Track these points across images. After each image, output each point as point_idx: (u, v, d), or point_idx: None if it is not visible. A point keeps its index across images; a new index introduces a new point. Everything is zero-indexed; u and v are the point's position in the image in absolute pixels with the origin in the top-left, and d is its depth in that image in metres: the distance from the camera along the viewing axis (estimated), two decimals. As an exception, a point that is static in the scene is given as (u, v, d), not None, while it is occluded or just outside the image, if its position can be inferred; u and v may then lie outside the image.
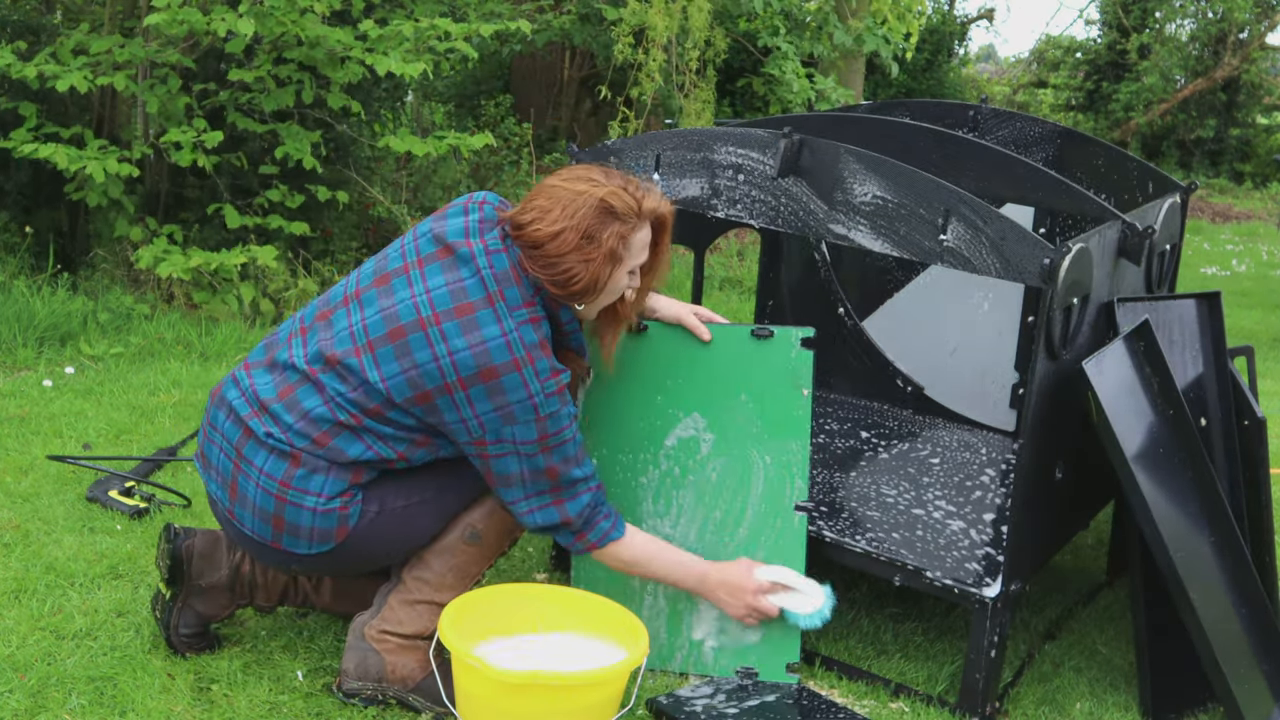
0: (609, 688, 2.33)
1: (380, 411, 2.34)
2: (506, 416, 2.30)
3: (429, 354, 2.29)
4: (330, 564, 2.44)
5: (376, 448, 2.36)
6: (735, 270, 7.57)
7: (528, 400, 2.29)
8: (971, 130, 3.74)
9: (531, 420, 2.30)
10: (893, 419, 3.53)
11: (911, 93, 13.55)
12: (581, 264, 2.33)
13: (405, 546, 2.47)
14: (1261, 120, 16.51)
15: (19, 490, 3.37)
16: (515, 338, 2.29)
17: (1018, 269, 2.45)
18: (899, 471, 3.15)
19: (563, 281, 2.34)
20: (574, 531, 2.44)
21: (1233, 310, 7.85)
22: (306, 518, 2.35)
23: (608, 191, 2.34)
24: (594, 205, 2.33)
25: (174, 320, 5.03)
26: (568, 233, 2.31)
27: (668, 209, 2.46)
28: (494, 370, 2.27)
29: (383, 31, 5.21)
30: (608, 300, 2.47)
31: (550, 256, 2.33)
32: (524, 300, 2.33)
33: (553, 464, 2.35)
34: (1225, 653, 2.60)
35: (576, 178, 2.38)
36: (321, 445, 2.34)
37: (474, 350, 2.27)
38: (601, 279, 2.36)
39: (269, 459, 2.36)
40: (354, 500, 2.37)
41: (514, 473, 2.36)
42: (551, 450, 2.34)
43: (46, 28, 5.80)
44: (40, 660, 2.53)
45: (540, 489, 2.38)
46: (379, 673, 2.47)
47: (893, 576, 2.71)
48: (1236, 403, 2.87)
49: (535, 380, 2.29)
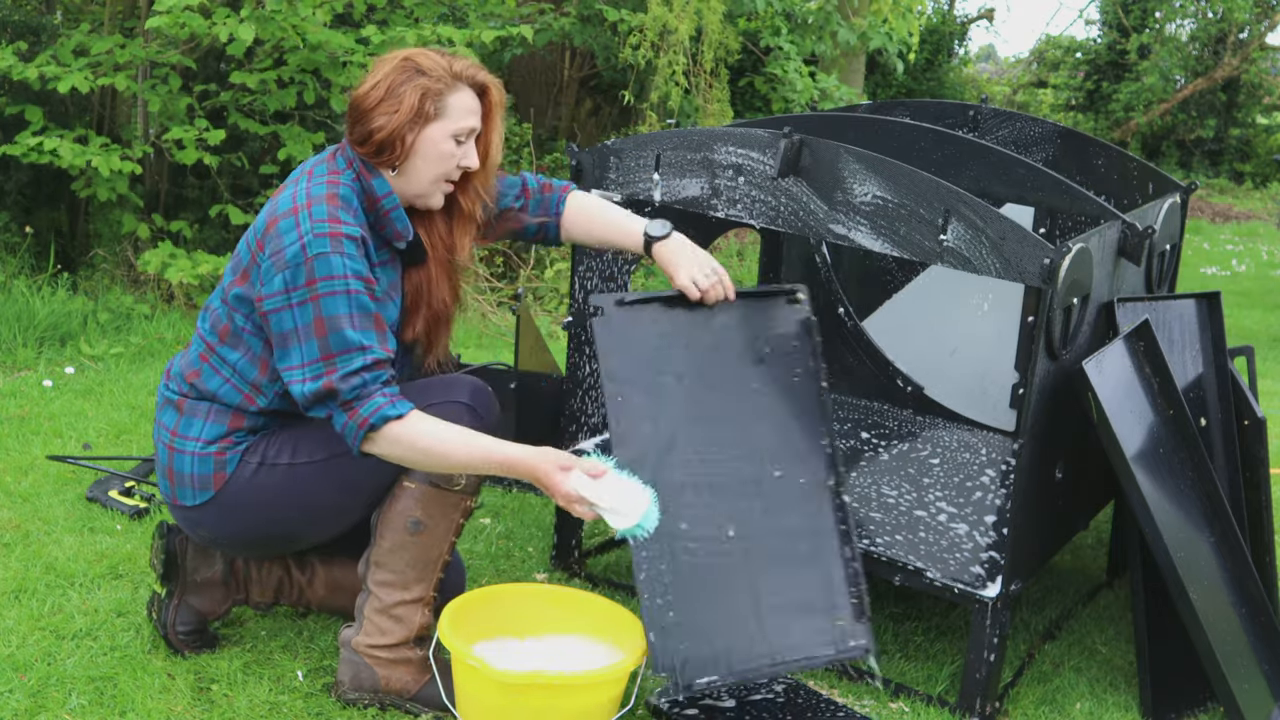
0: (609, 688, 2.33)
1: (228, 329, 2.39)
2: (278, 261, 2.27)
3: (243, 239, 2.41)
4: (224, 523, 2.43)
5: (233, 380, 2.40)
6: (735, 270, 7.57)
7: (298, 241, 2.26)
8: (971, 130, 3.74)
9: (300, 263, 2.25)
10: (893, 419, 3.53)
11: (911, 93, 13.55)
12: (384, 116, 2.34)
13: (305, 515, 2.44)
14: (1261, 120, 16.51)
15: (19, 490, 3.37)
16: (301, 192, 2.32)
17: (1018, 269, 2.45)
18: (899, 472, 3.15)
19: (367, 136, 2.35)
20: (343, 405, 2.24)
21: (1233, 310, 7.85)
22: (187, 463, 2.41)
23: (416, 51, 2.39)
24: (398, 62, 2.37)
25: (174, 320, 5.03)
26: (375, 88, 2.35)
27: (489, 78, 2.44)
28: (275, 220, 2.31)
29: (385, 36, 5.21)
30: (430, 169, 2.38)
31: (362, 114, 2.36)
32: (329, 171, 2.37)
33: (321, 315, 2.24)
34: (1225, 653, 2.60)
35: (401, 49, 2.46)
36: (190, 383, 2.44)
37: (267, 213, 2.35)
38: (405, 134, 2.34)
39: (167, 412, 2.48)
40: (234, 447, 2.41)
41: (289, 329, 2.26)
42: (320, 299, 2.24)
43: (47, 28, 5.80)
44: (40, 660, 2.53)
45: (311, 353, 2.24)
46: (373, 684, 2.47)
47: (893, 576, 2.71)
48: (1236, 403, 2.87)
49: (308, 221, 2.27)
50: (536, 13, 7.25)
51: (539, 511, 3.48)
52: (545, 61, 9.34)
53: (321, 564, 2.68)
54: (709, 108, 7.49)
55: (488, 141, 2.46)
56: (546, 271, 6.48)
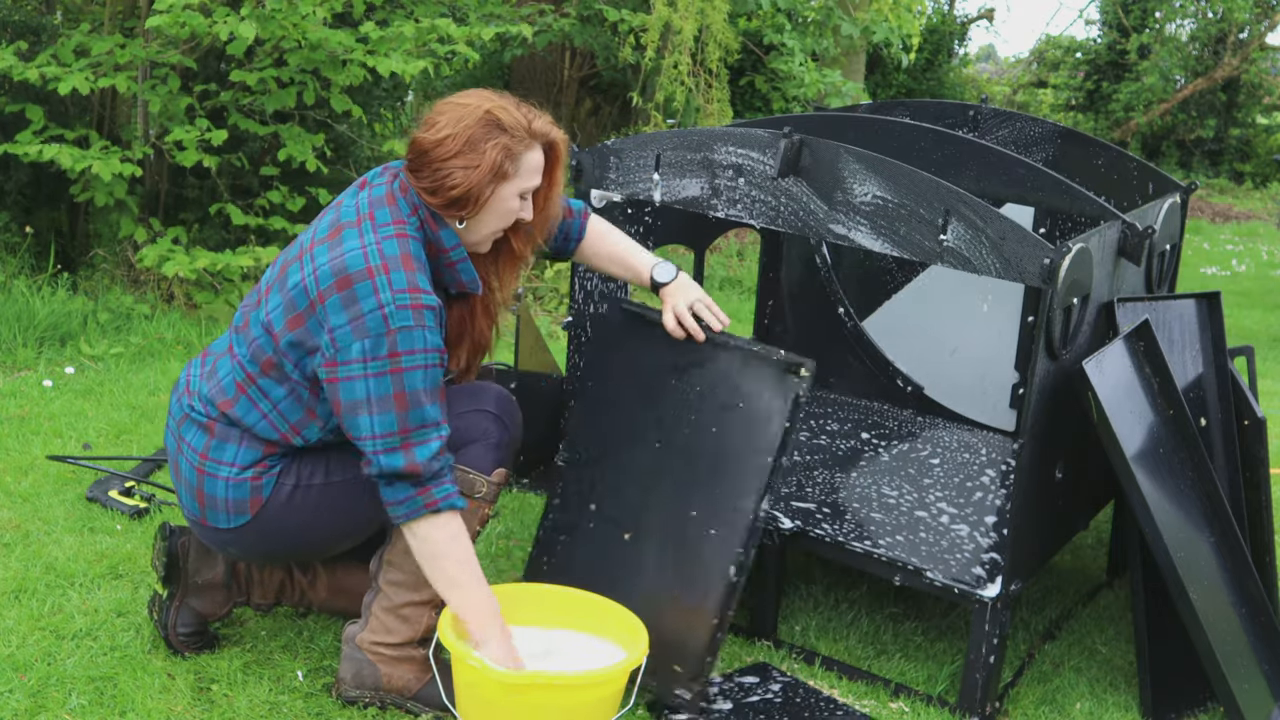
0: (609, 688, 2.33)
1: (272, 363, 2.33)
2: (358, 329, 2.21)
3: (299, 277, 2.30)
4: (257, 543, 2.43)
5: (271, 417, 2.36)
6: (735, 270, 7.57)
7: (378, 310, 2.20)
8: (971, 130, 3.74)
9: (382, 334, 2.20)
10: (893, 419, 3.53)
11: (911, 93, 13.54)
12: (462, 170, 2.28)
13: (337, 529, 2.45)
14: (1261, 120, 16.50)
15: (19, 490, 3.37)
16: (374, 249, 2.24)
17: (1018, 269, 2.45)
18: (899, 472, 3.15)
19: (440, 187, 2.29)
20: (418, 484, 2.26)
21: (1233, 310, 7.85)
22: (221, 488, 2.37)
23: (496, 105, 2.32)
24: (480, 115, 2.30)
25: (174, 320, 5.03)
26: (452, 139, 2.28)
27: (559, 135, 2.41)
28: (348, 279, 2.22)
29: (384, 33, 5.21)
30: (494, 223, 2.37)
31: (434, 162, 2.29)
32: (394, 219, 2.30)
33: (401, 390, 2.22)
34: (1225, 653, 2.60)
35: (469, 94, 2.37)
36: (223, 411, 2.38)
37: (333, 264, 2.25)
38: (483, 191, 2.29)
39: (195, 432, 2.41)
40: (269, 471, 2.38)
41: (360, 398, 2.22)
42: (401, 374, 2.22)
43: (47, 28, 5.80)
44: (40, 660, 2.54)
45: (388, 425, 2.23)
46: (375, 682, 2.47)
47: (893, 576, 2.71)
48: (1236, 403, 2.87)
49: (388, 289, 2.21)
50: (536, 13, 7.25)
51: (539, 512, 3.48)
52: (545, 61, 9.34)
53: (324, 567, 2.69)
54: (709, 108, 7.49)
55: (549, 195, 2.45)
56: (546, 271, 6.49)
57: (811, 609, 3.06)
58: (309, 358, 2.30)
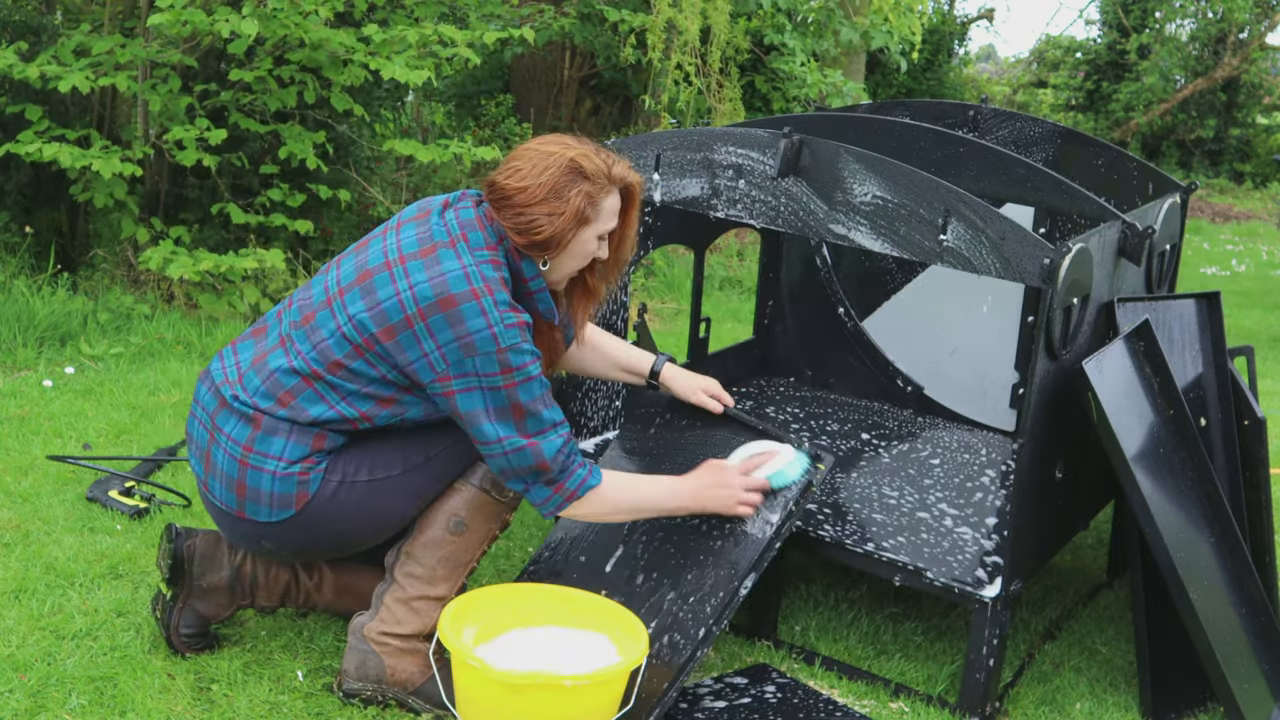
0: (609, 688, 2.33)
1: (342, 364, 2.36)
2: (467, 347, 2.30)
3: (391, 289, 2.34)
4: (296, 538, 2.44)
5: (339, 407, 2.38)
6: (735, 270, 7.57)
7: (487, 330, 2.29)
8: (971, 130, 3.74)
9: (492, 352, 2.30)
10: (893, 419, 3.53)
11: (911, 93, 13.55)
12: (547, 217, 2.37)
13: (374, 526, 2.46)
14: (1261, 120, 16.51)
15: (19, 490, 3.37)
16: (474, 271, 2.32)
17: (1018, 269, 2.45)
18: (899, 472, 3.15)
19: (526, 229, 2.38)
20: (551, 480, 2.39)
21: (1233, 310, 7.86)
22: (266, 482, 2.37)
23: (578, 153, 2.41)
24: (564, 164, 2.39)
25: (174, 320, 5.03)
26: (537, 188, 2.37)
27: (636, 179, 2.50)
28: (452, 299, 2.30)
29: (385, 35, 5.21)
30: (574, 264, 2.48)
31: (518, 207, 2.38)
32: (486, 244, 2.38)
33: (519, 400, 2.32)
34: (1225, 653, 2.60)
35: (550, 140, 2.46)
36: (284, 405, 2.38)
37: (433, 282, 2.32)
38: (566, 235, 2.39)
39: (236, 424, 2.41)
40: (316, 467, 2.39)
41: (479, 409, 2.33)
42: (517, 386, 2.32)
43: (47, 28, 5.80)
44: (40, 660, 2.54)
45: (508, 430, 2.34)
46: (379, 674, 2.47)
47: (893, 576, 2.71)
48: (1236, 403, 2.87)
49: (494, 310, 2.30)
50: (536, 12, 7.25)
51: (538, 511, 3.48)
52: (545, 61, 9.34)
53: (330, 569, 2.69)
54: (720, 107, 7.50)
55: (624, 235, 2.55)
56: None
57: (811, 609, 3.06)
58: (396, 368, 2.36)
